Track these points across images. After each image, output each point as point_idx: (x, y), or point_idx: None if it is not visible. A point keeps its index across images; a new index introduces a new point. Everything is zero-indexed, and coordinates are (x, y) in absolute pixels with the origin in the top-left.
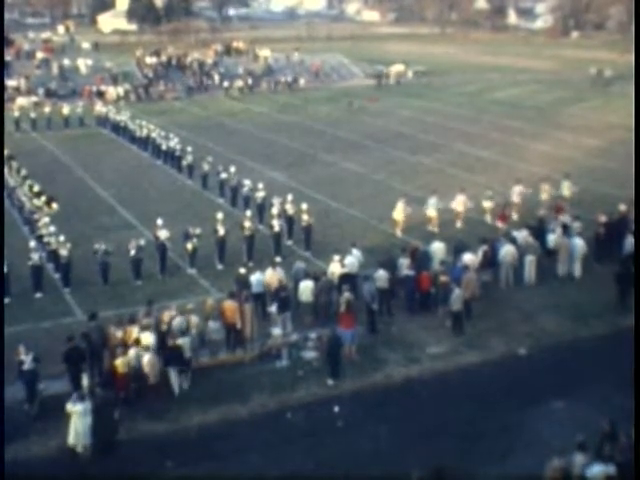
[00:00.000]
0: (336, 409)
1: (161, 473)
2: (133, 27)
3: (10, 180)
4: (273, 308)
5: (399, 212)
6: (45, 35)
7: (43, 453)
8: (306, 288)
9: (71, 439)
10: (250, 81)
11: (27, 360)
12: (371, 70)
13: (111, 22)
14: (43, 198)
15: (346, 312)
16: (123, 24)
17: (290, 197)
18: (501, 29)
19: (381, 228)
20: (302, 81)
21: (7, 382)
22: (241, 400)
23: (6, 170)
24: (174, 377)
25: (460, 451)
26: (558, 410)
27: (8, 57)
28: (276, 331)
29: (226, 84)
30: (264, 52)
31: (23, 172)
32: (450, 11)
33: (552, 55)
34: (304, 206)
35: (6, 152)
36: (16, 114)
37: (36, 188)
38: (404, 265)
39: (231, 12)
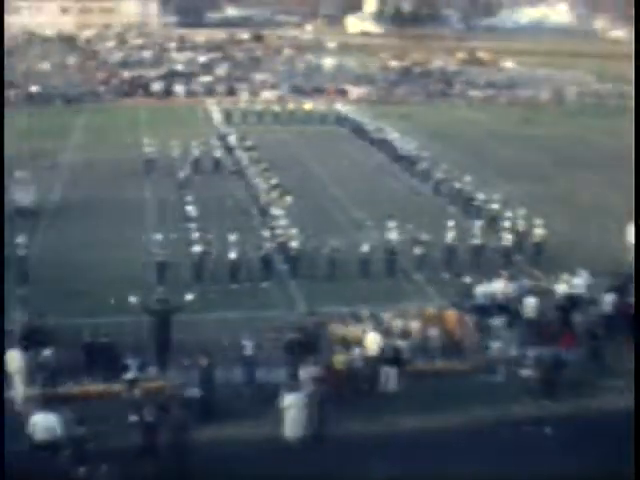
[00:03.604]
0: (548, 430)
1: (368, 474)
2: (379, 30)
3: (249, 170)
4: (496, 321)
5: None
6: (294, 33)
7: (254, 438)
8: (530, 305)
9: (286, 430)
10: (491, 92)
11: (248, 346)
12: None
13: (358, 24)
14: (278, 191)
15: (568, 333)
16: (370, 26)
17: (522, 212)
18: None
19: (616, 252)
20: (543, 95)
21: (227, 365)
22: (453, 410)
23: (246, 161)
24: (387, 376)
25: None
26: None
27: (258, 52)
28: (495, 345)
29: (471, 93)
30: (508, 64)
31: (263, 164)
32: None
33: None
34: (537, 222)
35: (249, 142)
36: (260, 107)
37: (273, 181)
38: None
39: (477, 22)
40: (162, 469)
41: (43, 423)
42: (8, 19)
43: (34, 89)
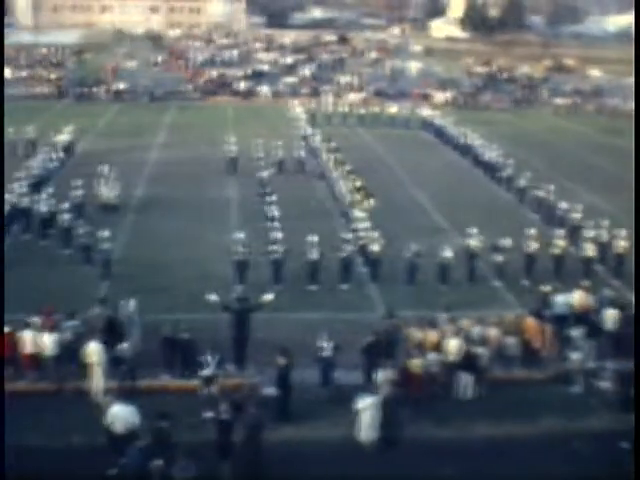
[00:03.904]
0: (625, 445)
1: (438, 478)
2: (465, 35)
3: (332, 172)
4: (575, 332)
5: None
6: (380, 36)
7: (329, 438)
8: (610, 317)
9: (361, 433)
10: (578, 100)
11: (326, 347)
12: None
13: (444, 28)
14: (361, 193)
15: None
16: (455, 31)
17: (606, 222)
18: None
19: None
20: (630, 104)
21: (304, 366)
22: (529, 419)
23: (330, 163)
24: (464, 383)
25: None
26: None
27: (343, 54)
28: (574, 355)
29: (557, 101)
30: (595, 72)
31: (346, 166)
32: None
33: None
34: (622, 232)
35: (333, 144)
36: (345, 109)
37: (357, 183)
38: None
39: (564, 29)
40: (236, 467)
41: (122, 415)
42: (101, 17)
43: (121, 86)
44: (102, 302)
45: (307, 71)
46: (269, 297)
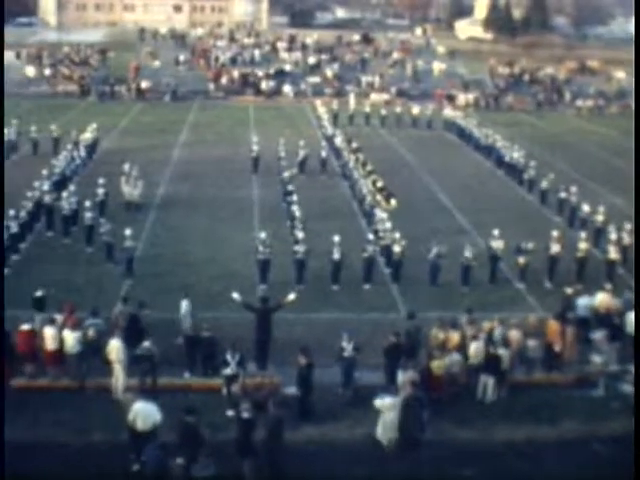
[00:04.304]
0: None
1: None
2: (489, 36)
3: (355, 172)
4: (597, 335)
5: None
6: (403, 36)
7: (350, 438)
8: (632, 320)
9: (379, 432)
10: (601, 102)
11: (348, 348)
12: None
13: (467, 29)
14: (384, 194)
15: None
16: (479, 32)
17: (629, 226)
18: None
19: None
20: None
21: (326, 366)
22: (551, 422)
23: (352, 163)
24: (485, 385)
25: None
26: None
27: (366, 54)
28: (597, 359)
29: (579, 103)
30: (619, 74)
31: (369, 167)
32: None
33: None
34: None
35: (354, 145)
36: (367, 110)
37: (379, 183)
38: None
39: (588, 30)
40: (256, 466)
41: (144, 412)
42: (124, 16)
43: (144, 85)
44: (125, 300)
45: (330, 71)
46: (291, 297)
